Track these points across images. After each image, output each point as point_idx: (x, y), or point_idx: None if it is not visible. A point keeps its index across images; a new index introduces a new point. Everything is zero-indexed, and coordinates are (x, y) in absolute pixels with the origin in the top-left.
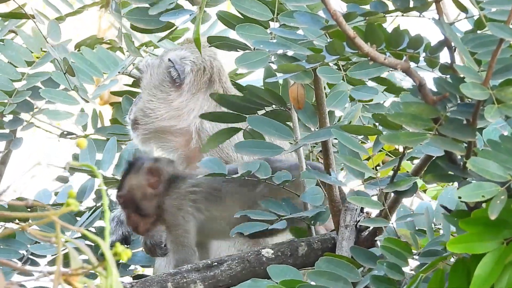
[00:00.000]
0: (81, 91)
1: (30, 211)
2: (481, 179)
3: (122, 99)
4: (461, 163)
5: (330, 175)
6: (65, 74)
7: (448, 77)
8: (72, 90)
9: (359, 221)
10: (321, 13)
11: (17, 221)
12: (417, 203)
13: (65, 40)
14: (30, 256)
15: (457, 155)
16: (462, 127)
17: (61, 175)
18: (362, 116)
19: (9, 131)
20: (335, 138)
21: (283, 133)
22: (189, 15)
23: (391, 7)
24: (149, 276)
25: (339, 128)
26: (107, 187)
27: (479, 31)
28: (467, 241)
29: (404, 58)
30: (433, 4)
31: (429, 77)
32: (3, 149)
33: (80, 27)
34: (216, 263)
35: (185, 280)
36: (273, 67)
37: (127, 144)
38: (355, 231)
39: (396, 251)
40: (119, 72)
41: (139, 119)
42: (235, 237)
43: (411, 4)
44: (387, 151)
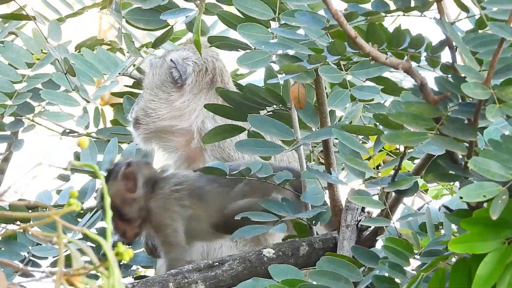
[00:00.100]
0: (82, 91)
1: (32, 212)
2: (482, 178)
3: (123, 99)
4: (462, 163)
5: (331, 174)
6: (66, 74)
7: (449, 76)
8: (72, 91)
9: (360, 220)
10: (322, 12)
11: (18, 222)
12: (418, 202)
13: (65, 41)
14: (32, 258)
15: (459, 155)
16: (463, 127)
17: (62, 173)
18: (362, 116)
19: (10, 133)
20: (336, 138)
21: (284, 132)
22: (186, 16)
23: (392, 6)
24: (150, 276)
25: (340, 127)
26: None
27: (480, 31)
28: (468, 241)
29: (406, 57)
30: (434, 3)
31: (430, 76)
32: (4, 151)
33: (80, 29)
34: (217, 263)
35: (186, 280)
36: (274, 67)
37: (129, 143)
38: (356, 230)
39: (397, 250)
40: (119, 73)
41: (140, 118)
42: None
43: (412, 4)
44: (388, 151)
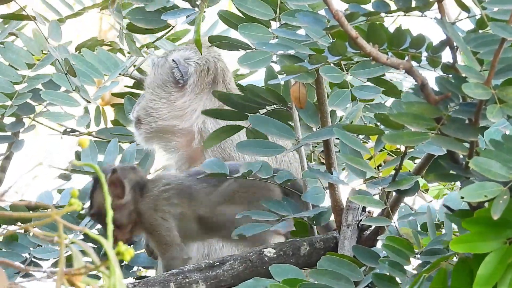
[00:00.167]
0: (82, 91)
1: (33, 212)
2: (483, 178)
3: (124, 99)
4: (463, 163)
5: (332, 174)
6: (66, 74)
7: (450, 76)
8: (73, 91)
9: (361, 220)
10: (322, 12)
11: (19, 223)
12: (419, 202)
13: (65, 42)
14: (33, 259)
15: (459, 155)
16: (464, 127)
17: (63, 172)
18: (363, 116)
19: (11, 133)
20: (337, 138)
21: (285, 132)
22: (186, 16)
23: (393, 7)
24: (151, 276)
25: (341, 127)
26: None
27: (480, 31)
28: (470, 240)
29: (406, 58)
30: (435, 3)
31: (431, 76)
32: (5, 151)
33: (81, 29)
34: (218, 263)
35: (187, 280)
36: (275, 68)
37: (130, 143)
38: (357, 230)
39: (398, 249)
40: (119, 74)
41: (141, 118)
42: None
43: (413, 4)
44: (389, 151)
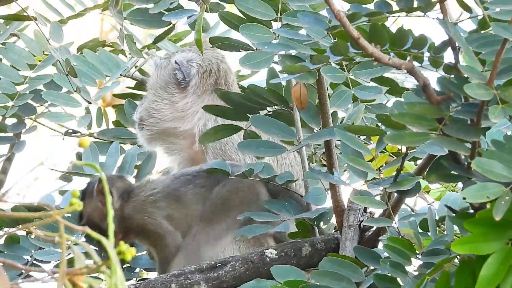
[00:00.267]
0: (83, 92)
1: (34, 213)
2: (485, 179)
3: (125, 102)
4: (465, 163)
5: (334, 175)
6: (67, 75)
7: (452, 77)
8: (74, 92)
9: (362, 221)
10: (323, 13)
11: (20, 226)
12: (420, 203)
13: (67, 42)
14: (34, 262)
15: (461, 155)
16: (466, 127)
17: (64, 174)
18: (364, 116)
19: (12, 134)
20: (338, 140)
21: (286, 133)
22: (188, 17)
23: (395, 7)
24: (153, 278)
25: (342, 128)
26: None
27: (482, 31)
28: (472, 241)
29: (408, 58)
30: (437, 4)
31: (432, 77)
32: (6, 152)
33: (82, 30)
34: (219, 264)
35: (188, 281)
36: (276, 68)
37: (132, 144)
38: (358, 231)
39: (399, 250)
40: (121, 74)
41: (144, 119)
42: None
43: (415, 4)
44: (390, 152)
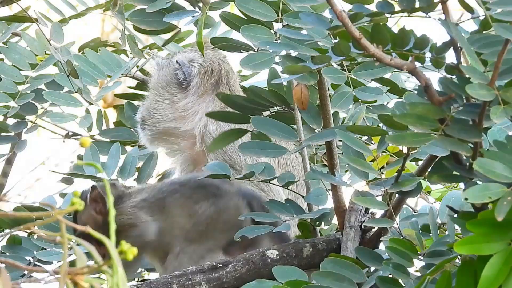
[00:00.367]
0: (84, 93)
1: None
2: (487, 180)
3: (124, 104)
4: (467, 164)
5: (335, 176)
6: (68, 76)
7: (453, 77)
8: (75, 92)
9: (363, 221)
10: (325, 13)
11: (22, 226)
12: (422, 204)
13: (68, 42)
14: (37, 263)
15: (463, 156)
16: (468, 128)
17: (66, 176)
18: (365, 117)
19: (13, 134)
20: (339, 140)
21: (287, 134)
22: (192, 17)
23: (397, 7)
24: (154, 278)
25: (343, 128)
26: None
27: (484, 32)
28: (474, 242)
29: (410, 58)
30: (439, 4)
31: (434, 77)
32: (8, 152)
33: (83, 32)
34: (221, 265)
35: (190, 282)
36: (277, 69)
37: (132, 146)
38: (360, 231)
39: (401, 251)
40: (122, 74)
41: (146, 119)
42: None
43: (417, 5)
44: (391, 153)
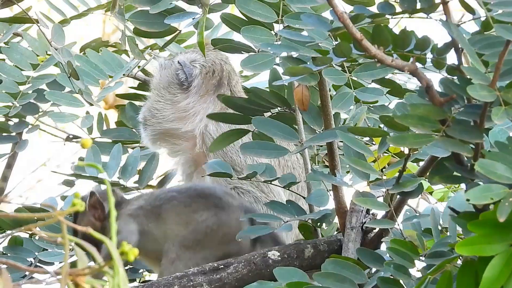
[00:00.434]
0: (86, 94)
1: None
2: (489, 181)
3: (126, 105)
4: (469, 165)
5: (336, 177)
6: (69, 78)
7: (455, 78)
8: (77, 93)
9: (365, 222)
10: (325, 14)
11: (23, 227)
12: (423, 204)
13: (70, 42)
14: (38, 264)
15: (464, 157)
16: (469, 129)
17: (67, 179)
18: (367, 117)
19: (15, 133)
20: (340, 141)
21: (288, 135)
22: (192, 19)
23: (398, 9)
24: (155, 280)
25: (344, 129)
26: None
27: (485, 33)
28: (475, 243)
29: (411, 59)
30: (440, 5)
31: (435, 78)
32: (9, 152)
33: (84, 33)
34: (222, 266)
35: (191, 283)
36: (279, 70)
37: (133, 149)
38: (361, 232)
39: (402, 252)
40: (124, 74)
41: (147, 119)
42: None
43: (418, 6)
44: (393, 153)
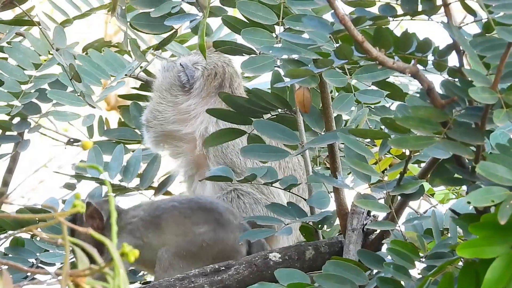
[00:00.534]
0: (87, 97)
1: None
2: (490, 183)
3: (130, 105)
4: (470, 167)
5: (337, 179)
6: (71, 80)
7: (456, 80)
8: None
9: (366, 224)
10: (326, 16)
11: (24, 228)
12: (424, 206)
13: (72, 43)
14: (39, 265)
15: (465, 159)
16: (470, 131)
17: (68, 182)
18: (368, 119)
19: (16, 133)
20: (342, 143)
21: (289, 137)
22: (190, 22)
23: (399, 11)
24: (156, 281)
25: (345, 131)
26: (115, 193)
27: (487, 35)
28: (476, 245)
29: (412, 62)
30: (442, 7)
31: (437, 80)
32: (11, 151)
33: (86, 34)
34: (223, 268)
35: (192, 285)
36: (281, 71)
37: (136, 150)
38: (362, 234)
39: (403, 253)
40: (126, 75)
41: (149, 121)
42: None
43: (419, 8)
44: (394, 155)
